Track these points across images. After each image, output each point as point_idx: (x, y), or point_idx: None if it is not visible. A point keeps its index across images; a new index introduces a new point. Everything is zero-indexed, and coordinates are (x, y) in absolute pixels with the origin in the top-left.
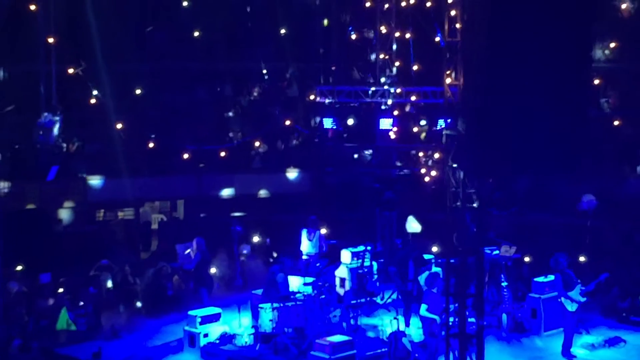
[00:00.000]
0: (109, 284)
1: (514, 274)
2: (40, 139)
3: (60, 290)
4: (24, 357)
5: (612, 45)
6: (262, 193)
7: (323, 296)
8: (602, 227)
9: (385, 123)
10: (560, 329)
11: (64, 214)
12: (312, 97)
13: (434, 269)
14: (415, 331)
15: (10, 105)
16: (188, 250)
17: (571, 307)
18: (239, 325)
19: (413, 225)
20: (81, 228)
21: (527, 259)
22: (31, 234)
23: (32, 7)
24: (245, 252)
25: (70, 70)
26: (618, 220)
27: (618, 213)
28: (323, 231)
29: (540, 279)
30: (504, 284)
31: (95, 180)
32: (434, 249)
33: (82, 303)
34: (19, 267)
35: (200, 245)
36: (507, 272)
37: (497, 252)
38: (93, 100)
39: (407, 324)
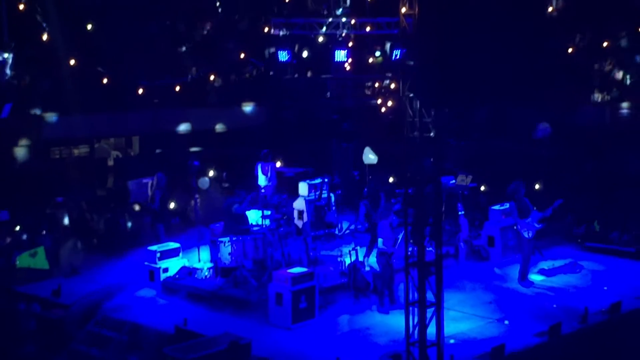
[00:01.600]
0: (66, 221)
1: (470, 203)
2: None
3: (17, 228)
4: None
5: None
6: (218, 127)
7: (281, 227)
8: (556, 154)
9: (340, 54)
10: (517, 256)
11: (19, 151)
12: (266, 29)
13: None
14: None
15: None
16: (148, 182)
17: (527, 234)
18: (198, 259)
19: (370, 156)
20: (36, 166)
21: (483, 188)
22: None
23: None
24: (203, 186)
25: (21, 7)
26: (572, 147)
27: (572, 141)
28: (278, 164)
29: (497, 207)
30: (461, 213)
31: (49, 118)
32: (391, 179)
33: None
34: None
35: (161, 180)
36: (464, 201)
37: (453, 181)
38: (45, 37)
39: (368, 255)
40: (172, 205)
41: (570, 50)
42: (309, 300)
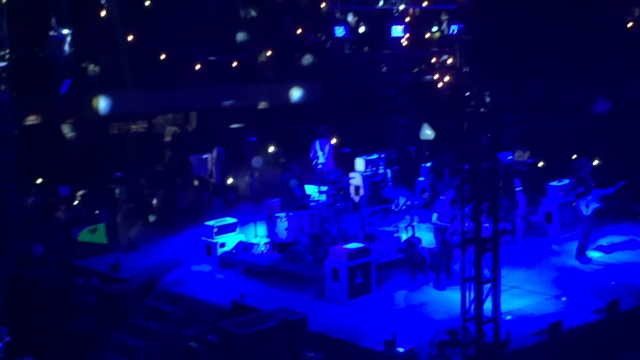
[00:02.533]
0: (124, 196)
1: (528, 179)
2: (52, 53)
3: (76, 202)
4: (43, 270)
5: None
6: (275, 103)
7: (338, 203)
8: (615, 130)
9: (396, 30)
10: (576, 233)
11: (78, 127)
12: (323, 5)
13: None
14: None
15: (22, 20)
16: (206, 156)
17: (586, 210)
18: (254, 234)
19: (427, 132)
20: (95, 141)
21: (541, 164)
22: (46, 148)
23: None
24: (257, 164)
25: None
26: (632, 122)
27: (632, 116)
28: (333, 141)
29: (555, 183)
30: (519, 188)
31: (107, 94)
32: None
33: (97, 212)
34: (39, 180)
35: (220, 154)
36: (521, 177)
37: (511, 157)
38: (103, 13)
39: None
40: (229, 180)
41: (630, 24)
42: (365, 276)
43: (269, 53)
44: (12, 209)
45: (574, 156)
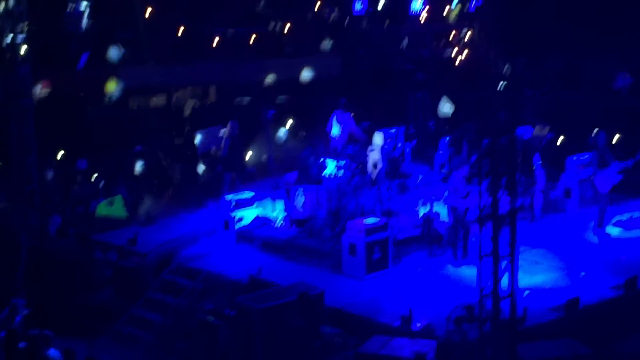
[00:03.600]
0: (143, 170)
1: (547, 154)
2: (69, 28)
3: (95, 176)
4: (61, 243)
5: None
6: (294, 77)
7: (355, 177)
8: (637, 104)
9: (416, 4)
10: (594, 208)
11: (97, 101)
12: None
13: None
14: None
15: None
16: (223, 131)
17: (605, 185)
18: (273, 209)
19: (446, 106)
20: (114, 115)
21: (561, 138)
22: (66, 122)
23: None
24: (281, 136)
25: None
26: None
27: None
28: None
29: (575, 158)
30: (538, 164)
31: (127, 68)
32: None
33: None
34: (60, 153)
35: (234, 128)
36: (540, 152)
37: (530, 132)
38: None
39: None
40: (248, 154)
41: None
42: (382, 251)
43: (287, 27)
44: (30, 183)
45: (595, 131)
